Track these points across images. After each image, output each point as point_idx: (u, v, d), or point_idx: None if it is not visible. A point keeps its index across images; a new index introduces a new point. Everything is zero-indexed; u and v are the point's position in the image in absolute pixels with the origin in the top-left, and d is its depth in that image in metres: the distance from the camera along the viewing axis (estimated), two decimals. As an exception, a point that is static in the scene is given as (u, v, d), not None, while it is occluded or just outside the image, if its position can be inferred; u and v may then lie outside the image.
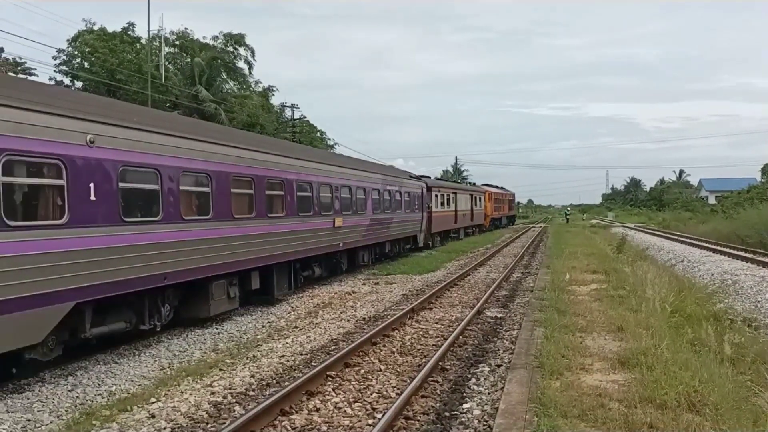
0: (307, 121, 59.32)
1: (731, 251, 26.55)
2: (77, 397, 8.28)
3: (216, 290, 12.80)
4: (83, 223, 9.09)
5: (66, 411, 7.71)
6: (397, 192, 26.43)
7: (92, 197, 9.27)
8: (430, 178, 36.36)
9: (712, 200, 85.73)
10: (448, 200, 37.91)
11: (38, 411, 7.68)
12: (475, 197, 47.94)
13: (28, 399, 8.09)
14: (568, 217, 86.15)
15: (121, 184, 9.86)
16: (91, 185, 9.27)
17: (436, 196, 34.49)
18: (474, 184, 57.21)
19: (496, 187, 64.84)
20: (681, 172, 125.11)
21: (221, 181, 12.66)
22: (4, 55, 36.92)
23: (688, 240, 35.17)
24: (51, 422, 7.33)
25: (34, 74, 35.60)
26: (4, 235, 7.81)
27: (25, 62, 37.30)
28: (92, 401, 8.12)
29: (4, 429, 7.09)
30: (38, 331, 8.36)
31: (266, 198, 14.72)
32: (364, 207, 21.95)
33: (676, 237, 38.62)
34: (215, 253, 12.35)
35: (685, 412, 6.27)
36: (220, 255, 12.51)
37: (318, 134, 61.29)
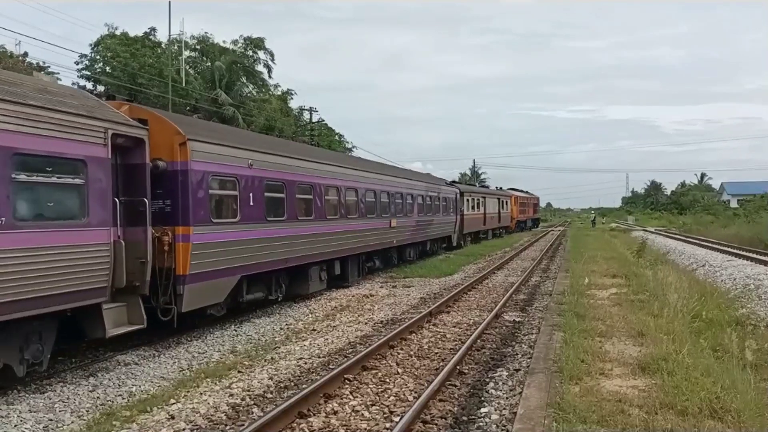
0: (325, 124, 59.60)
1: (754, 255, 26.16)
2: (98, 397, 8.37)
3: (313, 274, 16.60)
4: (247, 221, 13.01)
5: (87, 411, 7.80)
6: (436, 197, 29.82)
7: (251, 203, 13.20)
8: (457, 182, 40.01)
9: (734, 204, 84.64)
10: (478, 204, 41.33)
11: (60, 411, 7.78)
12: (502, 201, 51.40)
13: (50, 399, 8.20)
14: (594, 220, 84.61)
15: (266, 194, 13.83)
16: (251, 195, 13.22)
17: (468, 200, 37.85)
18: (500, 188, 59.63)
19: (522, 191, 67.79)
20: (703, 175, 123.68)
21: (318, 190, 16.63)
22: (27, 59, 37.48)
23: (709, 244, 34.74)
24: (72, 422, 7.41)
25: (58, 78, 36.09)
26: (211, 228, 11.83)
27: (48, 66, 37.87)
28: (112, 402, 8.20)
29: (26, 428, 7.19)
30: (222, 293, 12.33)
31: (346, 203, 18.61)
32: (411, 210, 25.50)
33: (697, 241, 38.18)
34: (314, 245, 16.11)
35: (706, 419, 6.20)
36: (317, 247, 16.28)
37: (336, 137, 61.51)
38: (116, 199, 9.60)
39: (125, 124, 9.98)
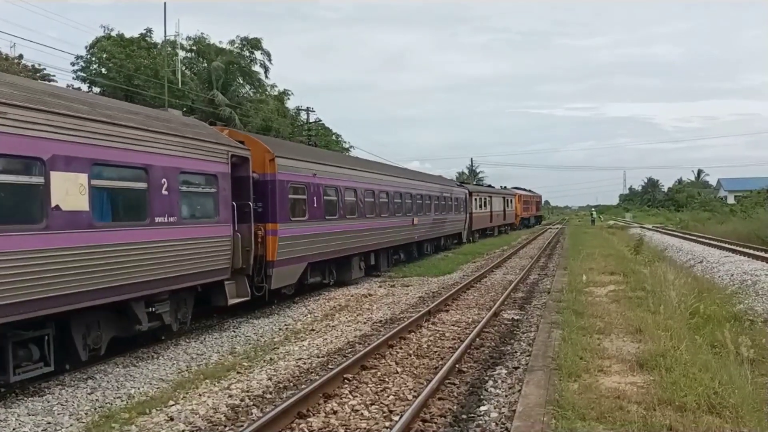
0: (323, 124, 59.55)
1: (751, 252, 26.20)
2: (96, 400, 8.36)
3: (354, 264, 19.84)
4: (312, 220, 16.29)
5: (85, 414, 7.79)
6: (449, 197, 33.21)
7: (315, 205, 16.52)
8: (465, 183, 44.03)
9: (731, 200, 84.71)
10: (485, 203, 44.60)
11: (58, 414, 7.77)
12: (507, 199, 55.26)
13: (49, 402, 8.19)
14: (594, 218, 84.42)
15: (324, 197, 17.12)
16: (314, 198, 16.51)
17: (476, 200, 40.86)
18: (505, 187, 62.18)
19: (525, 190, 71.32)
20: (699, 172, 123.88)
21: (360, 193, 19.99)
22: (23, 61, 37.41)
23: (706, 240, 34.77)
24: (71, 425, 7.41)
25: (53, 80, 36.05)
26: (290, 225, 15.02)
27: (44, 69, 37.84)
28: (111, 404, 8.19)
29: (25, 431, 7.18)
30: (295, 276, 15.61)
31: (379, 204, 21.83)
32: (429, 210, 28.72)
33: (694, 238, 38.20)
34: (356, 239, 19.35)
35: (704, 415, 6.21)
36: (358, 241, 19.53)
37: (333, 137, 61.47)
38: (233, 203, 12.68)
39: (237, 147, 13.44)
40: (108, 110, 9.99)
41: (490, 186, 55.77)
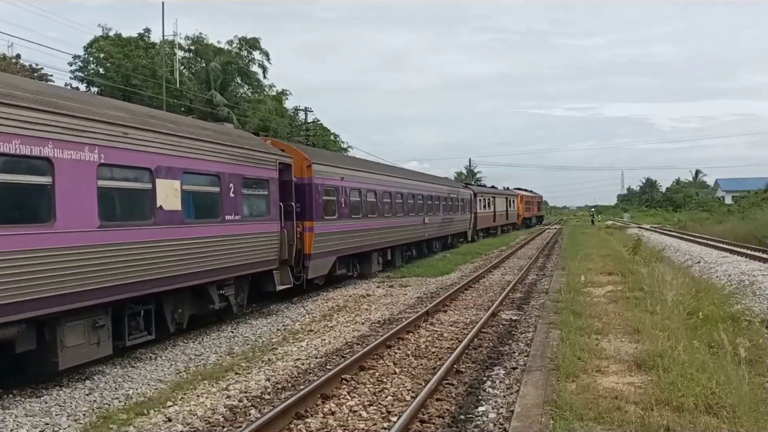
0: (321, 124, 59.53)
1: (749, 252, 26.23)
2: (94, 401, 8.35)
3: (374, 259, 22.14)
4: (340, 218, 18.58)
5: (83, 415, 7.79)
6: (456, 198, 35.48)
7: (342, 205, 18.85)
8: (471, 185, 46.49)
9: (728, 200, 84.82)
10: (489, 203, 46.98)
11: (56, 415, 7.76)
12: (510, 200, 58.07)
13: (46, 403, 8.18)
14: (594, 218, 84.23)
15: (350, 198, 19.56)
16: (342, 199, 18.86)
17: (480, 200, 43.35)
18: (507, 188, 64.42)
19: (527, 190, 73.88)
20: (697, 172, 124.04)
21: (379, 194, 22.38)
22: (21, 61, 37.35)
23: (704, 241, 34.80)
24: (69, 426, 7.40)
25: (50, 80, 35.99)
26: (323, 222, 17.18)
27: (42, 68, 37.78)
28: (109, 405, 8.19)
29: (23, 432, 7.17)
30: (327, 268, 17.79)
31: (395, 204, 24.08)
32: (438, 210, 30.91)
33: (692, 238, 38.24)
34: (376, 237, 21.66)
35: (702, 415, 6.22)
36: (378, 238, 21.91)
37: (331, 137, 61.46)
38: (280, 204, 14.81)
39: (283, 155, 15.72)
40: (191, 128, 12.38)
41: (493, 187, 56.89)
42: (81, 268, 8.85)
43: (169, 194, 10.82)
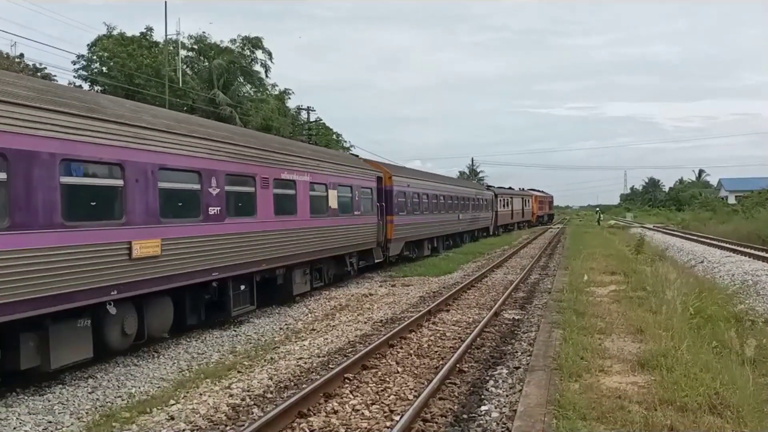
0: (323, 123, 59.53)
1: (752, 251, 26.19)
2: (97, 399, 8.36)
3: (425, 245, 28.64)
4: (408, 213, 24.93)
5: (86, 413, 7.79)
6: (481, 198, 42.02)
7: (408, 205, 25.26)
8: (491, 186, 52.24)
9: (732, 200, 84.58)
10: (507, 203, 53.63)
11: (59, 413, 7.77)
12: (525, 199, 65.25)
13: (49, 401, 8.19)
14: (599, 218, 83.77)
15: (413, 200, 25.76)
16: (409, 200, 25.24)
17: (500, 200, 49.94)
18: (523, 189, 70.94)
19: (539, 191, 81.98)
20: (701, 171, 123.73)
21: (429, 196, 28.65)
22: (24, 60, 37.40)
23: (707, 240, 34.75)
24: (71, 424, 7.41)
25: (54, 79, 36.04)
26: (399, 217, 23.59)
27: (45, 68, 37.83)
28: (112, 403, 8.19)
29: (26, 430, 7.18)
30: (399, 249, 24.10)
31: (438, 204, 30.31)
32: (468, 208, 37.26)
33: (695, 237, 38.18)
34: (429, 228, 28.36)
35: (705, 415, 6.20)
36: (428, 229, 28.33)
37: (334, 136, 61.45)
38: (378, 204, 21.59)
39: (378, 171, 22.58)
40: (338, 157, 21.03)
41: (510, 188, 60.94)
42: (284, 243, 14.64)
43: (331, 198, 17.61)
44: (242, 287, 13.10)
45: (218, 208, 11.93)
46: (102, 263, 9.03)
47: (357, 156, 25.97)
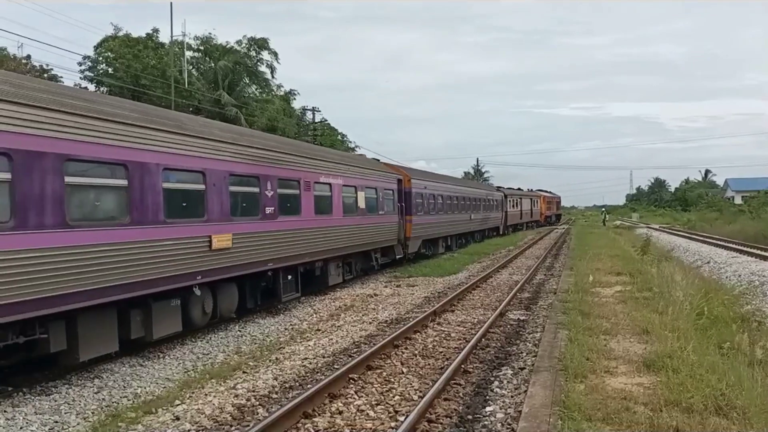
0: (328, 123, 59.55)
1: (759, 252, 26.07)
2: (103, 399, 8.38)
3: (440, 244, 30.59)
4: (425, 213, 27.00)
5: (92, 413, 7.81)
6: (491, 199, 44.19)
7: (425, 205, 27.00)
8: (502, 188, 54.06)
9: (738, 200, 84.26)
10: (517, 203, 55.67)
11: (65, 413, 7.79)
12: (534, 200, 67.03)
13: (56, 401, 8.21)
14: (605, 218, 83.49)
15: (429, 200, 27.47)
16: (426, 201, 27.17)
17: (510, 200, 51.90)
18: (531, 189, 72.97)
19: (547, 192, 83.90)
20: (707, 172, 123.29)
21: (444, 197, 30.45)
22: (30, 62, 37.54)
23: (714, 241, 34.60)
24: (78, 424, 7.43)
25: (60, 80, 36.16)
26: (417, 216, 25.58)
27: (51, 69, 37.97)
28: (118, 403, 8.22)
29: (32, 430, 7.21)
30: (417, 246, 26.10)
31: (452, 204, 32.00)
32: (479, 209, 38.87)
33: (701, 238, 38.03)
34: (442, 227, 30.12)
35: (711, 416, 6.18)
36: (443, 228, 30.32)
37: (338, 137, 61.46)
38: (398, 204, 23.51)
39: (398, 174, 24.45)
40: (365, 163, 22.97)
41: (519, 189, 62.66)
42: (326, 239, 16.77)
43: (360, 199, 19.59)
44: (289, 277, 15.11)
45: (272, 208, 13.87)
46: (191, 253, 10.91)
47: (378, 160, 27.07)
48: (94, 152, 8.97)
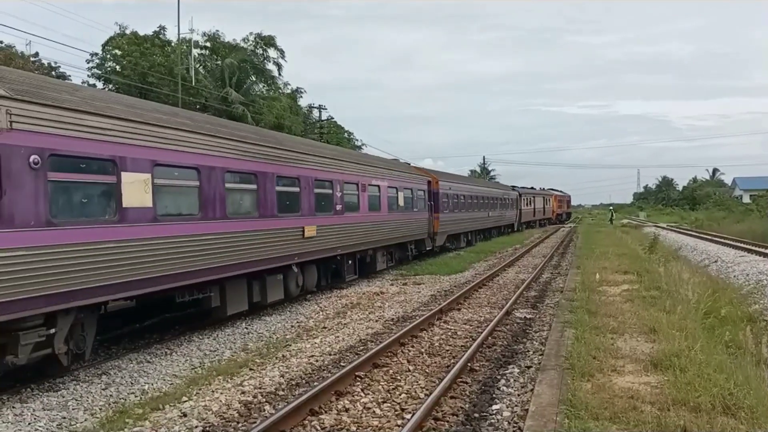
0: (335, 122, 59.54)
1: (767, 251, 25.92)
2: (111, 395, 8.42)
3: (462, 239, 33.63)
4: (450, 211, 30.44)
5: (100, 409, 7.86)
6: (506, 198, 47.53)
7: (450, 203, 30.38)
8: (516, 187, 56.89)
9: (746, 199, 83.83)
10: (530, 201, 58.91)
11: (73, 409, 7.84)
12: (546, 199, 70.77)
13: (63, 397, 8.26)
14: (612, 217, 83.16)
15: (452, 200, 30.85)
16: (449, 199, 30.32)
17: (523, 199, 55.08)
18: (543, 188, 76.54)
19: (558, 191, 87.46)
20: (715, 170, 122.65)
21: (465, 196, 33.54)
22: (38, 59, 37.67)
23: (722, 240, 34.43)
24: (85, 420, 7.47)
25: (68, 78, 36.30)
26: (444, 213, 29.12)
27: (59, 66, 38.11)
28: (125, 399, 8.26)
29: (40, 426, 7.25)
30: (443, 240, 29.61)
31: (472, 203, 35.04)
32: (495, 207, 42.00)
33: (709, 237, 37.84)
34: (464, 223, 33.06)
35: (719, 415, 6.16)
36: (465, 224, 33.28)
37: (345, 135, 61.46)
38: (428, 202, 26.40)
39: (428, 176, 27.67)
40: (400, 167, 25.81)
41: (532, 188, 65.16)
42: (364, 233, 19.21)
43: (399, 198, 22.71)
44: (350, 262, 18.86)
45: (341, 206, 17.42)
46: (291, 239, 14.45)
47: (409, 164, 29.75)
48: (239, 166, 12.72)
